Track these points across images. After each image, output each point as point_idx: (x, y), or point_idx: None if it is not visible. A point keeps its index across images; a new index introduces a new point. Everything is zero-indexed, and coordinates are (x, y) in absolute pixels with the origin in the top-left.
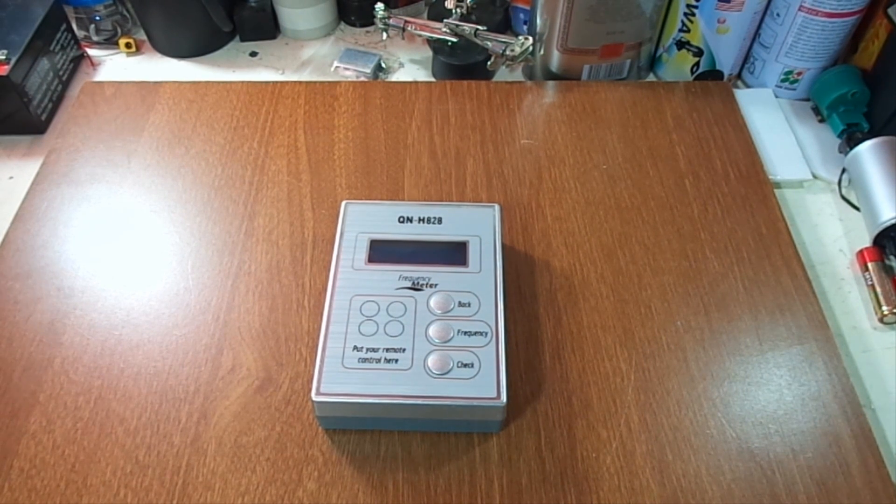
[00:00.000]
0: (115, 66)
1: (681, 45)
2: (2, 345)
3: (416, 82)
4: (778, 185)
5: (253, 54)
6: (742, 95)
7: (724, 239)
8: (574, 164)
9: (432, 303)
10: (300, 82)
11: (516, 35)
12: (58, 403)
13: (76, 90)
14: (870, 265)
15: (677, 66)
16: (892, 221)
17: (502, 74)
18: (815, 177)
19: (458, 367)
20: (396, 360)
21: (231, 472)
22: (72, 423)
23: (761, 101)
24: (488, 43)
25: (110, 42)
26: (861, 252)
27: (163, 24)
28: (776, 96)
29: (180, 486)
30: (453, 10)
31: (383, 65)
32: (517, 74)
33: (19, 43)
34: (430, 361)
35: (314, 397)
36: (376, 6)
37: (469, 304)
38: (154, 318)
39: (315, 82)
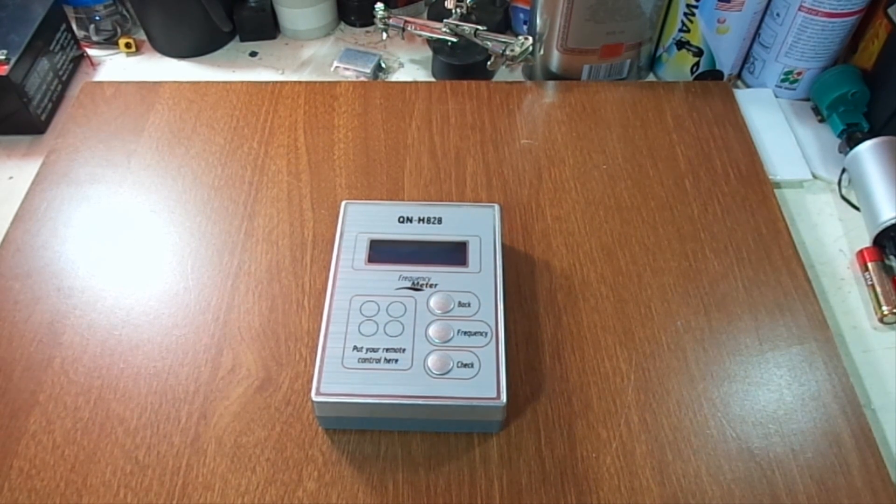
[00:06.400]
0: (114, 66)
1: (681, 45)
2: (2, 345)
3: (416, 82)
4: (778, 185)
5: (253, 54)
6: (742, 95)
7: (724, 239)
8: (574, 164)
9: (432, 303)
10: (300, 82)
11: (516, 35)
12: (58, 403)
13: (76, 90)
14: (870, 265)
15: (677, 66)
16: (892, 221)
17: (502, 74)
18: (815, 177)
19: (458, 367)
20: (396, 360)
21: (231, 473)
22: (72, 423)
23: (761, 101)
24: (488, 43)
25: (110, 42)
26: (861, 252)
27: (163, 24)
28: (776, 96)
29: (180, 486)
30: (453, 10)
31: (383, 65)
32: (517, 74)
33: (19, 43)
34: (430, 361)
35: (314, 397)
36: (376, 6)
37: (469, 304)
38: (154, 318)
39: (315, 82)
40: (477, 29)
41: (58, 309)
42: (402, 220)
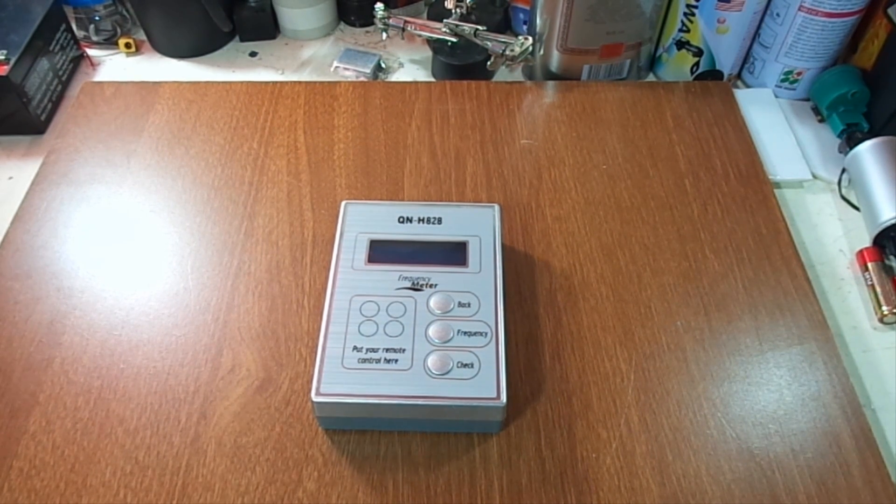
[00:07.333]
0: (114, 66)
1: (681, 45)
2: (2, 345)
3: (415, 82)
4: (778, 185)
5: (253, 54)
6: (742, 95)
7: (724, 239)
8: (574, 164)
9: (432, 303)
10: (300, 82)
11: (516, 35)
12: (58, 404)
13: (76, 90)
14: (870, 265)
15: (677, 66)
16: (892, 221)
17: (502, 74)
18: (815, 177)
19: (457, 367)
20: (396, 361)
21: (231, 473)
22: (72, 423)
23: (761, 101)
24: (488, 43)
25: (110, 42)
26: (861, 252)
27: (162, 24)
28: (776, 96)
29: (180, 486)
30: (453, 10)
31: (383, 65)
32: (517, 74)
33: (19, 43)
34: (430, 361)
35: (314, 397)
36: (376, 6)
37: (469, 305)
38: (154, 318)
39: (315, 82)
40: (477, 29)
41: (58, 309)
42: (402, 220)
